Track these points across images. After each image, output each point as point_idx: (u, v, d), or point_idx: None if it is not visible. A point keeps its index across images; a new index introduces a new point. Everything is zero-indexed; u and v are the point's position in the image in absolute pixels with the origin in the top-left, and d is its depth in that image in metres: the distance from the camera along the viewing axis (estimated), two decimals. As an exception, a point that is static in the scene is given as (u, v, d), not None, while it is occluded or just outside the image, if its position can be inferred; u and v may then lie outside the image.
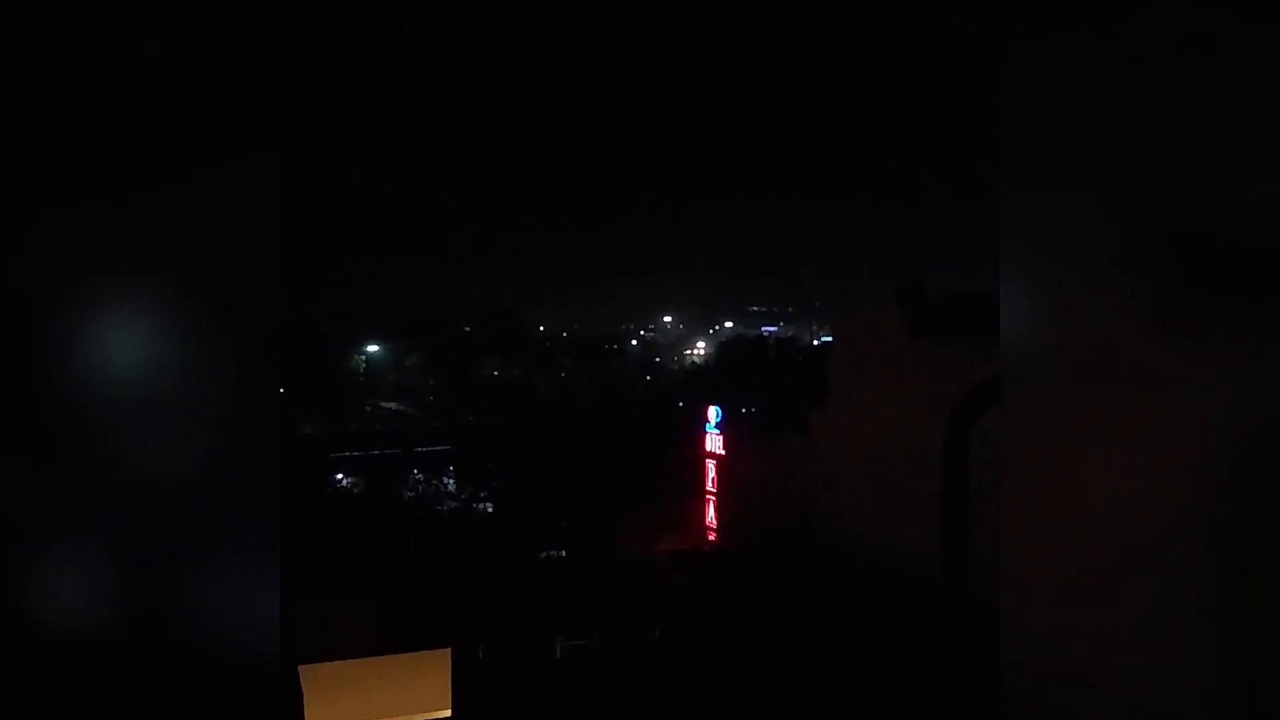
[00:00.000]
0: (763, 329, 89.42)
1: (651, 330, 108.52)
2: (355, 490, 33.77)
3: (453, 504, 31.05)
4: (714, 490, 21.89)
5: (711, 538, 21.75)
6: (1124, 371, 2.13)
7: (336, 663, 13.83)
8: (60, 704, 2.26)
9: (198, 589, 2.34)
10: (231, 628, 2.36)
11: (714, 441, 22.05)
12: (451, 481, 33.51)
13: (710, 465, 22.03)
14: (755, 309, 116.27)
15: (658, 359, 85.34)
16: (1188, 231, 2.07)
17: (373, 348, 67.91)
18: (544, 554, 24.09)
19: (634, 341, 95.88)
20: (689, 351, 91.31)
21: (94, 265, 2.27)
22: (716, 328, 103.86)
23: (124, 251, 2.29)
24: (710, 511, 21.92)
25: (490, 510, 30.17)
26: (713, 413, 22.40)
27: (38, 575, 2.25)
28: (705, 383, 46.04)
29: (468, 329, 74.54)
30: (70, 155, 2.25)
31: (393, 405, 58.31)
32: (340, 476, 35.19)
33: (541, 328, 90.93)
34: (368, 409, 56.96)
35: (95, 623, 2.28)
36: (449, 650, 14.26)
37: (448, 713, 13.97)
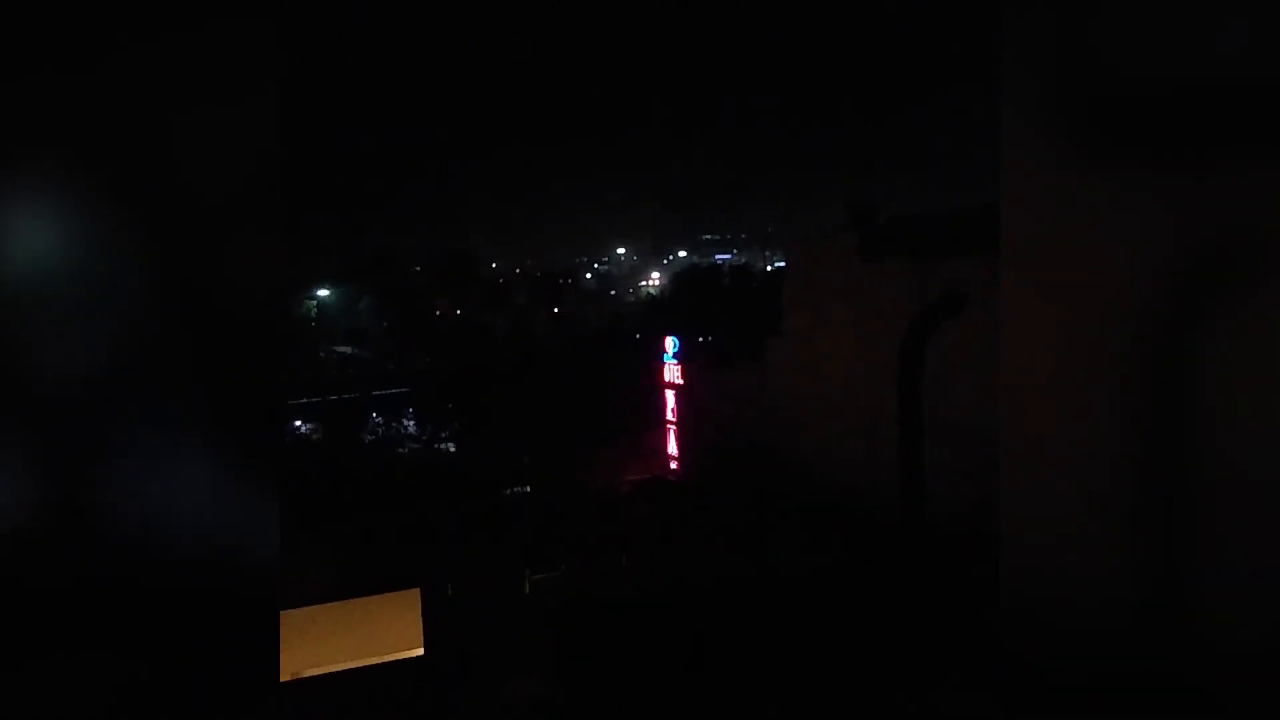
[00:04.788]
0: (716, 257, 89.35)
1: (605, 263, 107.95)
2: (314, 437, 33.53)
3: (414, 446, 30.99)
4: (674, 420, 22.06)
5: (674, 466, 21.98)
6: (1062, 218, 2.23)
7: (306, 608, 13.87)
8: (11, 619, 2.22)
9: (173, 490, 2.28)
10: (223, 541, 2.32)
11: (672, 372, 22.15)
12: (411, 423, 33.41)
13: (669, 395, 22.15)
14: (708, 238, 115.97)
15: (613, 291, 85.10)
16: (1114, 79, 2.16)
17: (323, 292, 66.83)
18: (508, 491, 24.22)
19: (588, 275, 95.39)
20: (644, 283, 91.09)
21: (9, 150, 2.16)
22: (670, 258, 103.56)
23: (61, 137, 2.19)
24: (671, 441, 22.12)
25: (452, 450, 30.17)
26: (670, 343, 22.45)
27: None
28: (661, 314, 46.09)
29: (418, 269, 73.58)
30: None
31: (346, 350, 57.64)
32: (298, 423, 34.88)
33: (494, 265, 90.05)
34: (321, 354, 56.25)
35: (37, 535, 2.23)
36: (418, 590, 14.36)
37: (420, 651, 14.13)
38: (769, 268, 65.34)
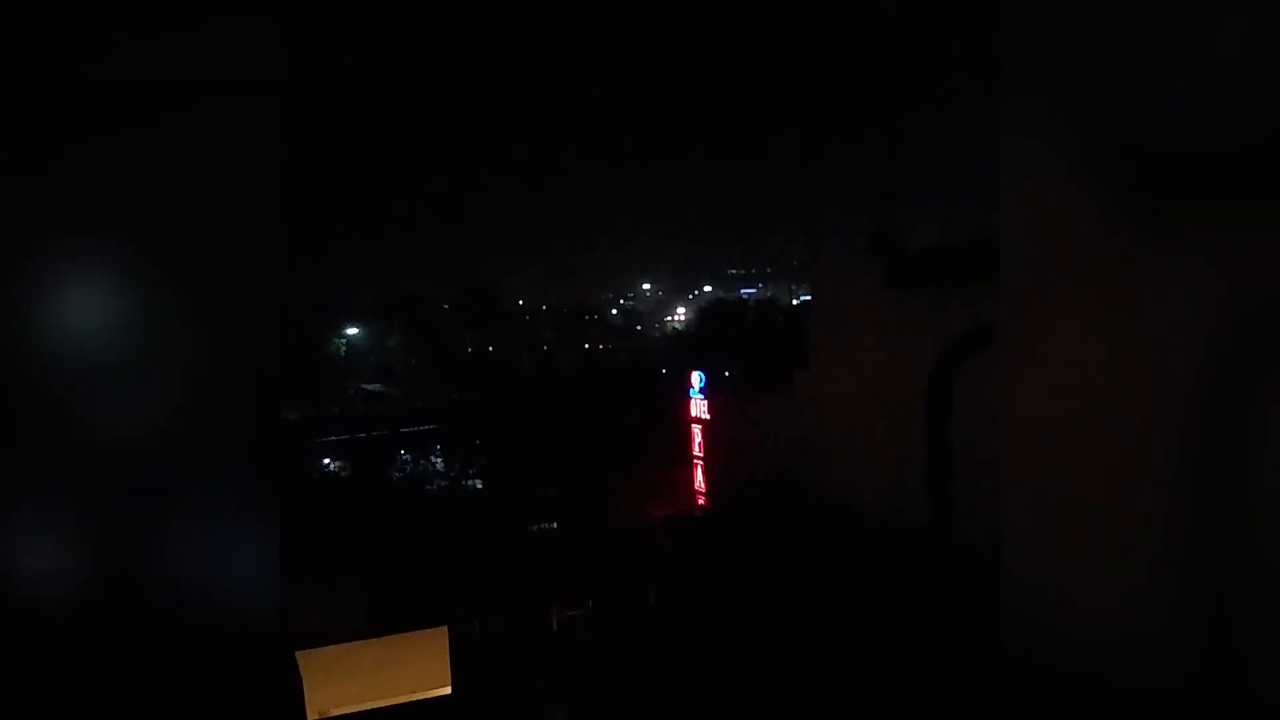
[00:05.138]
0: (741, 291, 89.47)
1: (631, 299, 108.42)
2: (342, 474, 33.67)
3: (442, 482, 31.03)
4: (701, 455, 21.97)
5: (701, 501, 21.85)
6: (1099, 280, 2.18)
7: (333, 647, 13.84)
8: (40, 678, 2.23)
9: (184, 554, 2.31)
10: (227, 592, 2.33)
11: (699, 406, 22.10)
12: (439, 460, 33.48)
13: (696, 430, 22.08)
14: (733, 272, 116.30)
15: (639, 327, 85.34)
16: (1151, 135, 2.11)
17: (351, 330, 67.54)
18: (535, 526, 24.15)
19: (614, 311, 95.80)
20: (669, 318, 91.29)
21: (55, 223, 2.21)
22: (695, 293, 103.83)
23: (95, 204, 2.24)
24: (698, 476, 22.01)
25: (479, 486, 30.17)
26: (696, 378, 22.43)
27: (11, 545, 2.21)
28: (687, 348, 46.09)
29: (446, 306, 74.16)
30: (35, 109, 2.18)
31: (375, 387, 58.01)
32: (327, 461, 35.07)
33: (520, 301, 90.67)
34: (350, 392, 56.68)
35: (74, 593, 2.25)
36: (445, 628, 14.30)
37: (448, 690, 14.04)
38: (794, 301, 65.30)
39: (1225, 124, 2.03)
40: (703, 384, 22.29)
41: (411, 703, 13.94)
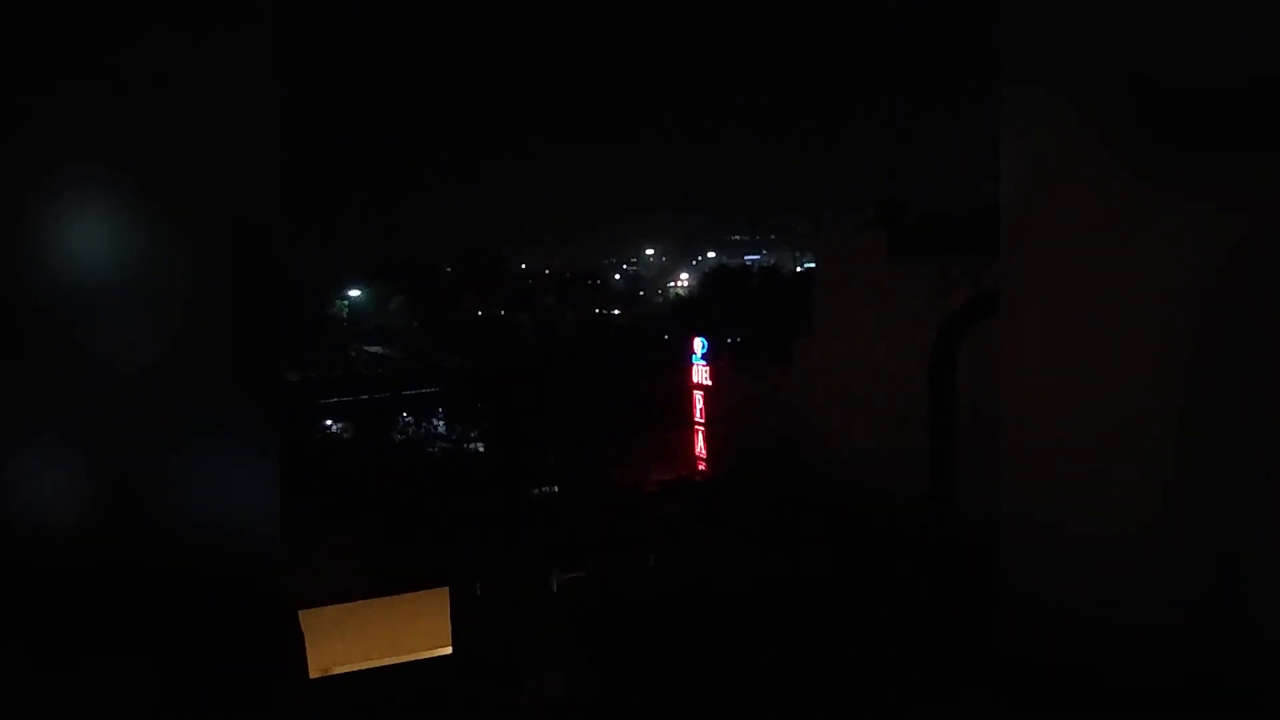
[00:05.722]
0: (745, 258, 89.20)
1: (634, 264, 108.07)
2: (344, 436, 33.80)
3: (443, 445, 31.16)
4: (702, 420, 22.04)
5: (701, 467, 21.95)
6: (1104, 224, 2.16)
7: (335, 606, 13.98)
8: (41, 605, 2.25)
9: (182, 484, 2.32)
10: (224, 521, 2.35)
11: (700, 373, 22.13)
12: (441, 423, 33.61)
13: (697, 396, 22.14)
14: (737, 238, 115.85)
15: (641, 292, 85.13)
16: (1152, 78, 2.09)
17: (354, 292, 67.48)
18: (536, 490, 24.28)
19: (617, 276, 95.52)
20: (672, 284, 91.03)
21: (62, 149, 2.21)
22: (699, 259, 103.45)
23: (95, 133, 2.24)
24: (699, 441, 22.09)
25: (481, 450, 30.29)
26: (698, 344, 22.44)
27: (14, 470, 2.22)
28: (690, 314, 46.01)
29: (449, 269, 74.07)
30: (42, 32, 2.18)
31: (377, 349, 58.06)
32: (329, 422, 35.20)
33: (523, 265, 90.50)
34: (352, 354, 56.68)
35: (75, 524, 2.27)
36: (447, 589, 14.42)
37: (449, 650, 14.18)
38: (798, 268, 65.12)
39: (1229, 71, 2.01)
40: (705, 350, 22.30)
41: (413, 662, 14.09)
